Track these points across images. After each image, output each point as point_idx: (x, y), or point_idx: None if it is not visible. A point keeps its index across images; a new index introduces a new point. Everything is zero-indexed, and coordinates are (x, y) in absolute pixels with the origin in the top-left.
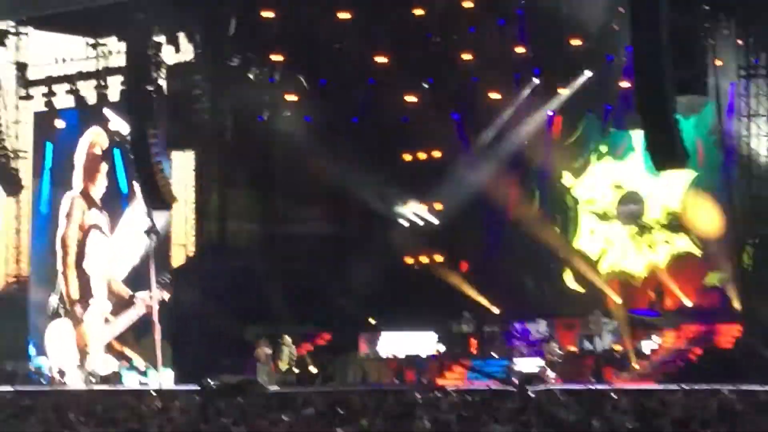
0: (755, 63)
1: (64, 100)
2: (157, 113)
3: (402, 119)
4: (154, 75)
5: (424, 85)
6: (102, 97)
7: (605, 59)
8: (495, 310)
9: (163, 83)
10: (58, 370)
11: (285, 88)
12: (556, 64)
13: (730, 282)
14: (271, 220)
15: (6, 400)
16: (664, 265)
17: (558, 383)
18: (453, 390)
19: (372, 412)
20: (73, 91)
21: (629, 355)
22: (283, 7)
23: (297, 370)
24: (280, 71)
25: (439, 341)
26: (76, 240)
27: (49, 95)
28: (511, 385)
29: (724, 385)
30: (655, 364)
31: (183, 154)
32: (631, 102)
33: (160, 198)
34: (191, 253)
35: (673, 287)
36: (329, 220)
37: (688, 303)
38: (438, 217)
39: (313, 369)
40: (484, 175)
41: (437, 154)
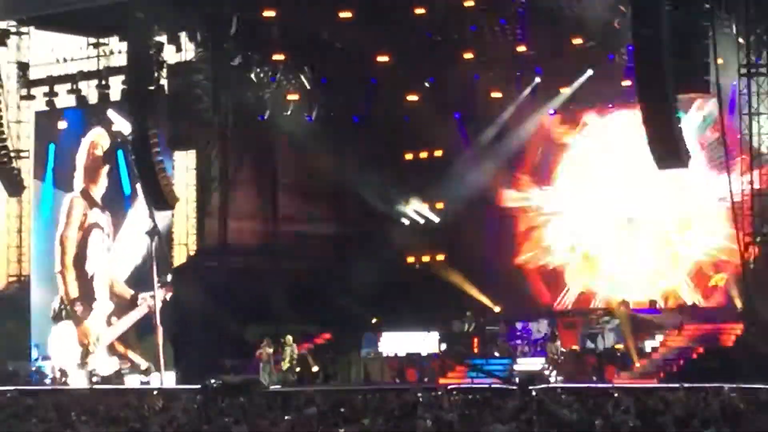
0: (756, 61)
1: (66, 100)
2: (158, 113)
3: (403, 118)
4: (156, 74)
5: (426, 84)
6: (103, 97)
7: (607, 58)
8: (496, 309)
9: (164, 83)
10: (59, 370)
11: (286, 87)
12: (558, 63)
13: (732, 281)
14: (273, 219)
15: (7, 399)
16: (665, 264)
17: (559, 382)
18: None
19: (374, 411)
20: (74, 91)
21: (631, 354)
22: (284, 6)
23: (298, 369)
24: (281, 70)
25: (440, 340)
26: (75, 240)
27: (51, 95)
28: (512, 384)
29: (725, 384)
30: (657, 363)
31: (184, 153)
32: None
33: (162, 198)
34: (192, 253)
35: (675, 286)
36: (330, 220)
37: (689, 302)
38: (439, 215)
39: (314, 368)
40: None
41: (439, 152)
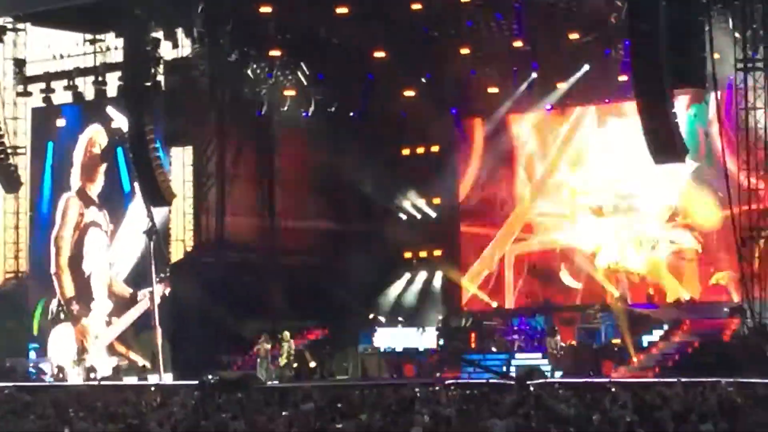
0: (753, 56)
1: (63, 96)
2: (155, 109)
3: (400, 114)
4: (152, 71)
5: (422, 79)
6: (100, 93)
7: (603, 53)
8: (494, 305)
9: (161, 79)
10: (57, 367)
11: (283, 83)
12: (554, 58)
13: (730, 276)
14: (270, 215)
15: (5, 396)
16: (662, 259)
17: (557, 377)
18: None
19: (371, 406)
20: (71, 87)
21: (628, 349)
22: (280, 2)
23: (296, 365)
24: (278, 66)
25: (438, 335)
26: (70, 240)
27: (47, 91)
28: (510, 379)
29: (722, 378)
30: (655, 358)
31: (181, 149)
32: (630, 95)
33: (160, 194)
34: (190, 248)
35: (672, 281)
36: (327, 215)
37: (686, 296)
38: (436, 210)
39: (312, 364)
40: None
41: (435, 148)
